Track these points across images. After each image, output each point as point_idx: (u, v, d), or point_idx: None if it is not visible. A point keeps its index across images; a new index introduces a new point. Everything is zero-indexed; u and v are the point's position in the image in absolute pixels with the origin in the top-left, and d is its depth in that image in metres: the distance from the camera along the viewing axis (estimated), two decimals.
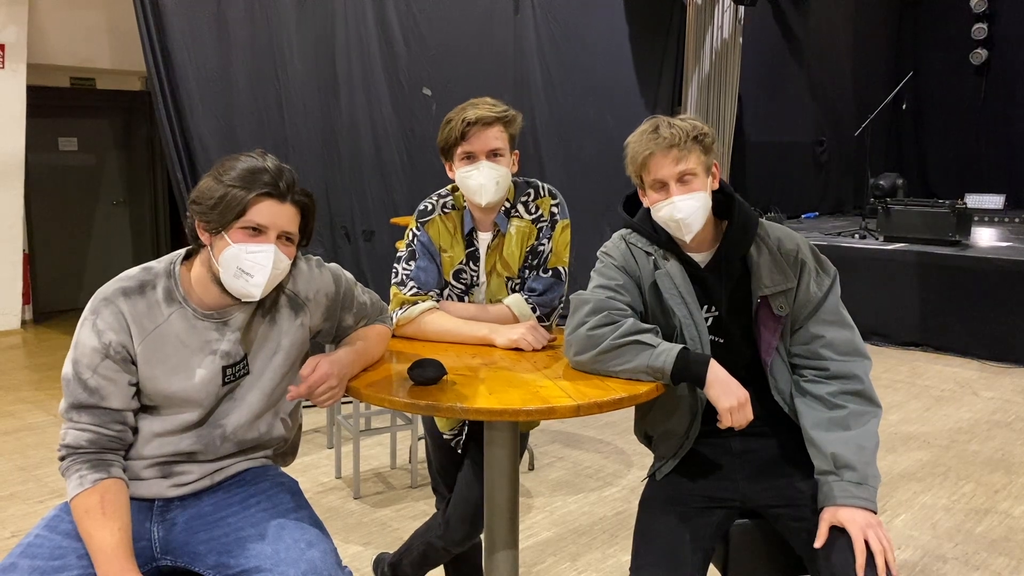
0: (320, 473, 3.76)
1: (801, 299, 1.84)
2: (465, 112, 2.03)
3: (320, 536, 1.65)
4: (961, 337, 5.83)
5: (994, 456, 3.99)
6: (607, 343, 1.77)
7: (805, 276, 1.84)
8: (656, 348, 1.76)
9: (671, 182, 1.80)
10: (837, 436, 1.76)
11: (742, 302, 1.86)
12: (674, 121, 1.83)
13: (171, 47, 4.54)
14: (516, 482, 1.85)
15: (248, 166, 1.62)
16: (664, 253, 1.89)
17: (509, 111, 2.08)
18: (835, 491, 1.71)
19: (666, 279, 1.88)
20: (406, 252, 2.15)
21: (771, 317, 1.83)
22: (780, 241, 1.87)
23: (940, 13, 9.69)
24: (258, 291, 1.63)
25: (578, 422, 4.41)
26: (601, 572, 2.89)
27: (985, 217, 8.14)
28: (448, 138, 2.05)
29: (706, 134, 1.83)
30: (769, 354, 1.85)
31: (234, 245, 1.60)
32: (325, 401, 1.67)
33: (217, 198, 1.60)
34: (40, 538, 1.59)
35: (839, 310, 1.86)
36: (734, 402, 1.74)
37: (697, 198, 1.80)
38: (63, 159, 7.78)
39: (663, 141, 1.79)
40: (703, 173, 1.83)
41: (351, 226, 5.43)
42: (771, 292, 1.82)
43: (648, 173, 1.83)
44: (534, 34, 6.44)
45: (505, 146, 2.07)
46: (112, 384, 1.61)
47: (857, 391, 1.81)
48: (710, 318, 1.89)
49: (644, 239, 1.91)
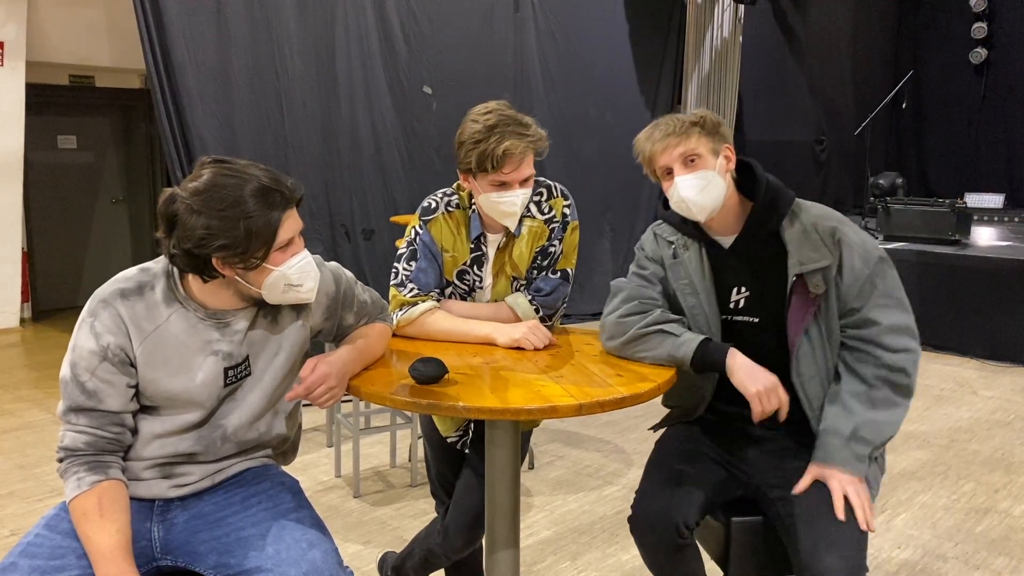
0: (320, 472, 3.76)
1: (848, 277, 1.81)
2: (504, 142, 1.93)
3: (321, 536, 1.64)
4: (961, 336, 5.84)
5: (994, 455, 3.99)
6: (634, 331, 1.87)
7: (847, 253, 1.81)
8: (679, 338, 1.84)
9: (675, 165, 1.85)
10: (868, 412, 1.78)
11: (778, 281, 1.86)
12: (676, 115, 1.89)
13: (171, 45, 4.53)
14: (517, 482, 1.85)
15: (252, 189, 1.53)
16: (685, 241, 1.94)
17: (540, 136, 2.00)
18: (837, 454, 1.76)
19: (679, 269, 1.94)
20: (407, 251, 2.13)
21: (806, 297, 1.82)
22: (817, 219, 1.85)
23: (940, 12, 9.69)
24: (312, 295, 1.68)
25: (578, 421, 4.41)
26: (601, 571, 2.89)
27: (985, 216, 8.14)
28: (482, 163, 1.95)
29: (704, 119, 1.86)
30: (797, 335, 1.83)
31: (276, 269, 1.59)
32: (325, 402, 1.66)
33: (241, 238, 1.51)
34: (40, 537, 1.59)
35: (895, 292, 1.83)
36: (760, 387, 1.77)
37: (701, 176, 1.83)
38: (62, 157, 7.77)
39: (661, 132, 1.86)
40: (709, 154, 1.85)
41: (351, 225, 5.42)
42: (806, 270, 1.81)
43: (655, 163, 1.89)
44: (534, 33, 6.44)
45: (533, 168, 2.03)
46: (110, 386, 1.60)
47: (901, 385, 1.81)
48: (741, 299, 1.91)
49: (670, 228, 1.98)
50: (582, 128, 6.85)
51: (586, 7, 6.80)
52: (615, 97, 7.10)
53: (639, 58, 7.24)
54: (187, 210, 1.52)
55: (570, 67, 6.70)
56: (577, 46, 6.74)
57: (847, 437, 1.76)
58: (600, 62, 6.95)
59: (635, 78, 7.27)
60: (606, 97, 7.02)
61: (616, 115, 7.09)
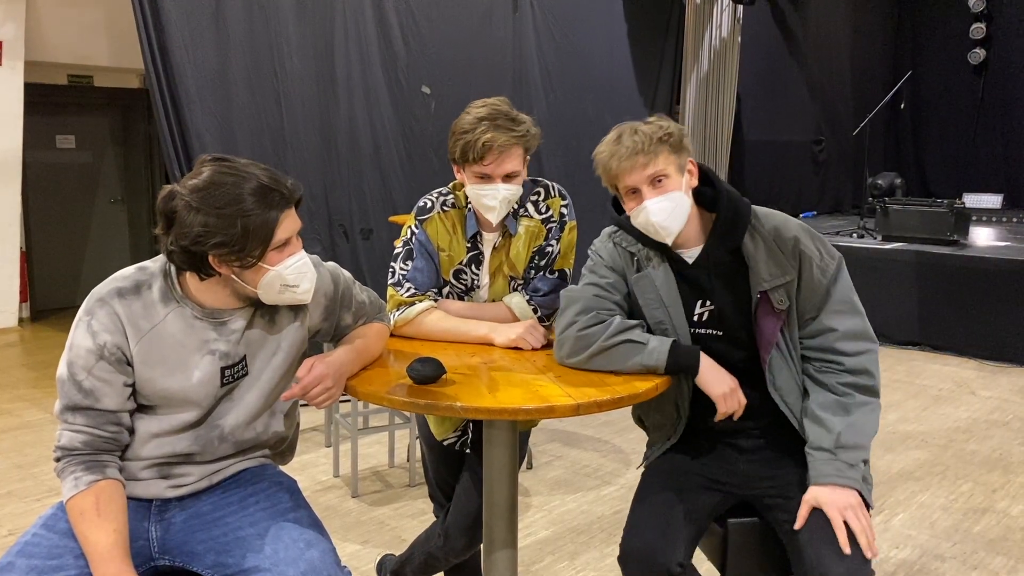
0: (318, 472, 3.76)
1: (806, 290, 1.82)
2: (485, 134, 1.95)
3: (319, 536, 1.64)
4: (959, 336, 5.84)
5: (992, 455, 3.99)
6: (597, 345, 1.79)
7: (806, 266, 1.81)
8: (647, 346, 1.79)
9: (643, 187, 1.79)
10: (842, 419, 1.78)
11: (741, 296, 1.85)
12: (638, 126, 1.81)
13: (169, 45, 4.53)
14: (515, 482, 1.85)
15: (251, 188, 1.54)
16: (648, 253, 1.88)
17: (528, 130, 2.02)
18: (827, 468, 1.74)
19: (645, 282, 1.88)
20: (403, 250, 2.13)
21: (771, 312, 1.82)
22: (777, 231, 1.83)
23: (938, 12, 9.69)
24: (308, 296, 1.67)
25: (576, 421, 4.41)
26: (599, 571, 2.89)
27: (983, 216, 8.15)
28: (464, 153, 1.98)
29: (671, 134, 1.80)
30: (768, 351, 1.84)
31: (273, 269, 1.60)
32: (321, 402, 1.66)
33: (238, 236, 1.52)
34: (38, 537, 1.59)
35: (849, 297, 1.84)
36: (725, 389, 1.80)
37: (671, 199, 1.79)
38: (61, 157, 7.77)
39: (627, 149, 1.78)
40: (676, 173, 1.80)
41: (349, 224, 5.42)
42: (770, 287, 1.81)
43: (620, 182, 1.82)
44: (533, 33, 6.43)
45: (521, 165, 2.03)
46: (107, 385, 1.60)
47: (867, 386, 1.81)
48: (705, 312, 1.88)
49: (630, 237, 1.91)
50: (581, 128, 6.84)
51: (585, 7, 6.80)
52: (614, 97, 7.10)
53: (638, 58, 7.24)
54: (185, 207, 1.52)
55: (569, 67, 6.70)
56: (576, 46, 6.74)
57: (832, 449, 1.75)
58: (599, 62, 6.95)
59: (634, 78, 7.26)
60: (605, 97, 7.02)
61: (615, 115, 7.03)
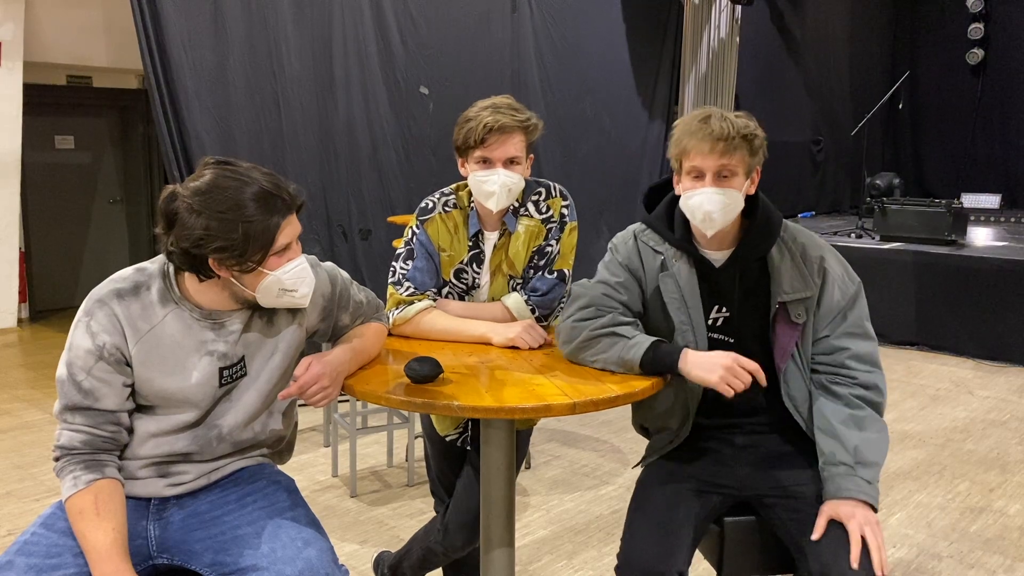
0: (317, 471, 3.76)
1: (825, 308, 1.83)
2: (487, 116, 1.99)
3: (316, 534, 1.65)
4: (957, 336, 5.85)
5: (989, 455, 4.00)
6: (585, 334, 1.80)
7: (829, 285, 1.83)
8: (630, 340, 1.77)
9: (709, 173, 1.77)
10: (858, 434, 1.76)
11: (759, 305, 1.85)
12: (728, 115, 1.78)
13: (168, 45, 4.53)
14: (512, 481, 1.86)
15: (253, 193, 1.54)
16: (676, 252, 1.87)
17: (531, 119, 2.05)
18: (848, 484, 1.71)
19: (670, 281, 1.86)
20: (404, 251, 2.15)
21: (788, 323, 1.82)
22: (805, 248, 1.85)
23: (937, 13, 9.71)
24: (306, 301, 1.68)
25: (575, 421, 4.42)
26: (597, 570, 2.90)
27: (981, 216, 8.17)
28: (467, 139, 2.02)
29: (756, 135, 1.78)
30: (784, 360, 1.84)
31: (272, 274, 1.60)
32: (318, 401, 1.67)
33: (239, 241, 1.52)
34: (36, 536, 1.59)
35: (864, 322, 1.85)
36: (721, 372, 1.71)
37: (729, 195, 1.77)
38: (59, 157, 7.77)
39: (712, 132, 1.74)
40: (743, 173, 1.79)
41: (348, 225, 5.42)
42: (790, 299, 1.81)
43: (688, 159, 1.79)
44: (531, 33, 6.44)
45: (523, 154, 2.05)
46: (106, 385, 1.61)
47: (877, 403, 1.82)
48: (720, 318, 1.88)
49: (657, 236, 1.90)
50: (579, 129, 6.85)
51: (583, 8, 6.80)
52: (612, 98, 7.10)
53: (636, 59, 7.24)
54: (187, 209, 1.52)
55: (567, 68, 6.70)
56: (574, 47, 6.74)
57: (852, 464, 1.73)
58: (597, 63, 6.95)
59: (632, 79, 7.27)
60: (603, 98, 7.02)
61: (613, 116, 7.09)
